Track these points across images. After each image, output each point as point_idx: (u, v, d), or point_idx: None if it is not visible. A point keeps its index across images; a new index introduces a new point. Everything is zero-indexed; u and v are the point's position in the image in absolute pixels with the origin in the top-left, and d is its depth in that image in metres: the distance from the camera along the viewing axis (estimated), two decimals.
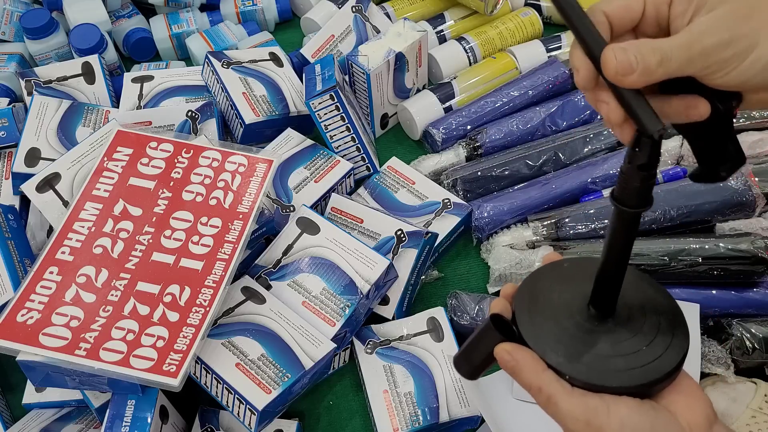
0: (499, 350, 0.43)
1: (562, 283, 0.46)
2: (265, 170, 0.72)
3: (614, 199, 0.39)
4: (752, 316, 0.69)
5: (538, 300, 0.45)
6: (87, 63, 0.88)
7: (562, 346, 0.42)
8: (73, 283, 0.63)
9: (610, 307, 0.44)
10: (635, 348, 0.42)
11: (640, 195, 0.38)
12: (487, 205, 0.78)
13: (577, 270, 0.47)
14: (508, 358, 0.42)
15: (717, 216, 0.74)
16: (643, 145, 0.36)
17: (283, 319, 0.66)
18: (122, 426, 0.59)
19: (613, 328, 0.43)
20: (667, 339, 0.42)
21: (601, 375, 0.40)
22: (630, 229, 0.40)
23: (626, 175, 0.37)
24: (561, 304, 0.45)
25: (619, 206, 0.38)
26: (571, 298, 0.45)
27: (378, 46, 0.85)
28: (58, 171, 0.73)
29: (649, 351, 0.42)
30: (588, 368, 0.41)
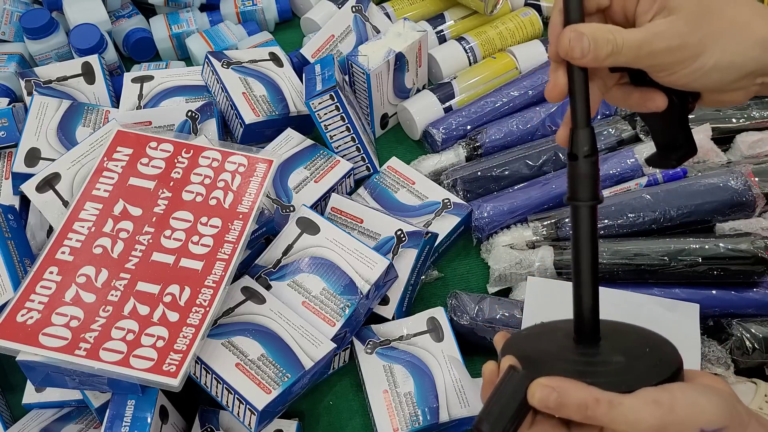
0: (535, 387, 0.39)
1: (537, 340, 0.46)
2: (265, 170, 0.72)
3: (569, 200, 0.42)
4: (752, 316, 0.69)
5: (533, 357, 0.42)
6: (87, 63, 0.88)
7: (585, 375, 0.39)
8: (73, 283, 0.63)
9: (596, 326, 0.43)
10: (642, 350, 0.41)
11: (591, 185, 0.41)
12: (487, 205, 0.78)
13: (536, 330, 0.48)
14: (548, 391, 0.38)
15: (717, 216, 0.74)
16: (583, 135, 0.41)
17: (283, 319, 0.66)
18: (122, 426, 0.59)
19: (610, 346, 0.43)
20: (656, 337, 0.43)
21: (636, 379, 0.39)
22: (591, 226, 0.41)
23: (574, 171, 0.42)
24: (554, 351, 0.44)
25: (576, 203, 0.41)
26: (557, 344, 0.44)
27: (378, 46, 0.85)
28: (58, 171, 0.73)
29: (654, 350, 0.42)
30: (622, 379, 0.39)
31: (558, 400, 0.38)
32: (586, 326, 0.43)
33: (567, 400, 0.38)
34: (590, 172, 0.41)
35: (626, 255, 0.70)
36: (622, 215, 0.74)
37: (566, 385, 0.38)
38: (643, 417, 0.37)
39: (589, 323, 0.43)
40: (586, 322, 0.43)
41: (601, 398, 0.37)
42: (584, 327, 0.43)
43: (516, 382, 0.39)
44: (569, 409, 0.38)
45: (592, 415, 0.38)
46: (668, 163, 0.46)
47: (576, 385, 0.38)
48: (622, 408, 0.37)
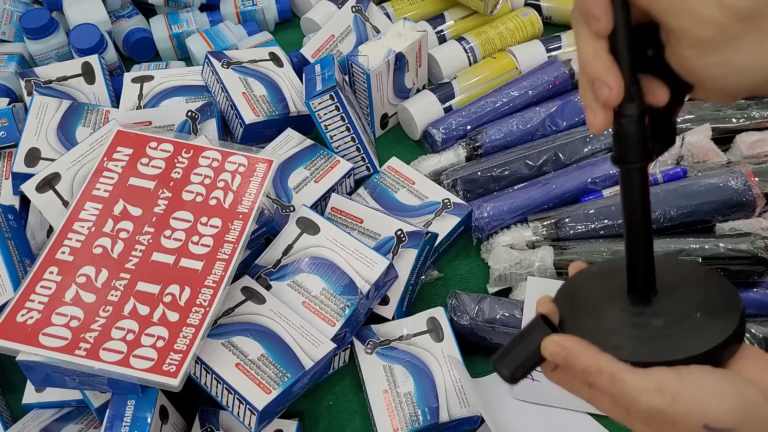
0: (547, 342, 0.40)
1: (597, 282, 0.45)
2: (265, 170, 0.72)
3: (618, 161, 0.39)
4: (752, 316, 0.69)
5: (579, 303, 0.43)
6: (87, 63, 0.88)
7: (614, 335, 0.39)
8: (73, 283, 0.63)
9: (650, 284, 0.42)
10: (690, 317, 0.39)
11: (641, 146, 0.39)
12: (487, 205, 0.78)
13: (607, 268, 0.47)
14: (558, 349, 0.39)
15: (717, 216, 0.74)
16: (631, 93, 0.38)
17: (283, 319, 0.66)
18: (122, 426, 0.59)
19: (661, 304, 0.41)
20: (721, 303, 0.40)
21: (662, 351, 0.37)
22: (642, 187, 0.40)
23: (622, 132, 0.39)
24: (602, 300, 0.43)
25: (626, 165, 0.39)
26: (609, 292, 0.43)
27: (378, 46, 0.85)
28: (58, 171, 0.73)
29: (706, 317, 0.39)
30: (647, 347, 0.38)
31: (565, 361, 0.39)
32: (638, 284, 0.42)
33: (572, 362, 0.39)
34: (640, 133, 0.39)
35: None
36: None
37: (576, 347, 0.39)
38: (641, 400, 0.36)
39: (641, 282, 0.42)
40: (638, 281, 0.42)
41: (604, 370, 0.37)
42: (636, 284, 0.42)
43: (536, 332, 0.41)
44: (574, 371, 0.39)
45: (594, 383, 0.38)
46: None
47: (585, 349, 0.38)
48: (622, 385, 0.37)
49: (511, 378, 0.42)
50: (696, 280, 0.43)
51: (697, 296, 0.41)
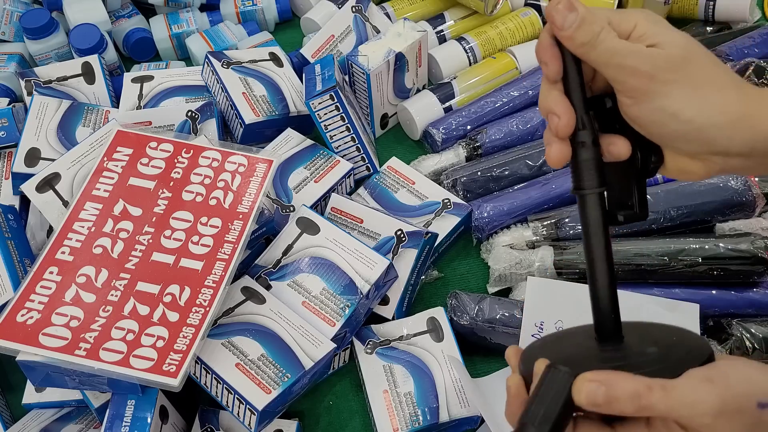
0: (579, 383, 0.36)
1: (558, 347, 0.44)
2: (265, 170, 0.72)
3: (575, 189, 0.41)
4: (752, 316, 0.69)
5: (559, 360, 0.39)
6: (87, 63, 0.88)
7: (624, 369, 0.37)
8: (73, 283, 0.63)
9: (618, 324, 0.41)
10: (670, 340, 0.40)
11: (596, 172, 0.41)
12: (487, 205, 0.78)
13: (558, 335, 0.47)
14: (595, 385, 0.36)
15: (717, 216, 0.74)
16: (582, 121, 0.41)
17: (283, 319, 0.66)
18: (122, 426, 0.59)
19: (637, 340, 0.41)
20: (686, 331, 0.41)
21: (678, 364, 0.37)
22: (600, 214, 0.41)
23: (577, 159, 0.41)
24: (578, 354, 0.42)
25: (582, 191, 0.41)
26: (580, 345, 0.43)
27: (378, 46, 0.85)
28: (58, 171, 0.73)
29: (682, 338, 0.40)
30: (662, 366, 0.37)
31: (607, 394, 0.35)
32: (608, 323, 0.41)
33: (617, 393, 0.35)
34: (594, 160, 0.41)
35: (626, 255, 0.70)
36: None
37: (614, 377, 0.36)
38: (702, 396, 0.35)
39: (610, 320, 0.41)
40: (608, 320, 0.41)
41: (653, 385, 0.35)
42: (606, 324, 0.41)
43: (559, 380, 0.36)
44: (620, 401, 0.35)
45: (647, 404, 0.35)
46: (613, 220, 0.44)
47: (623, 375, 0.36)
48: (677, 391, 0.35)
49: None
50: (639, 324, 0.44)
51: (657, 329, 0.43)
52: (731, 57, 0.86)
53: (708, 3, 0.94)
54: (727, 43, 0.89)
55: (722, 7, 0.93)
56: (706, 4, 0.94)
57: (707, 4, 0.94)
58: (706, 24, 0.96)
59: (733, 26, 0.95)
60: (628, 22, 0.41)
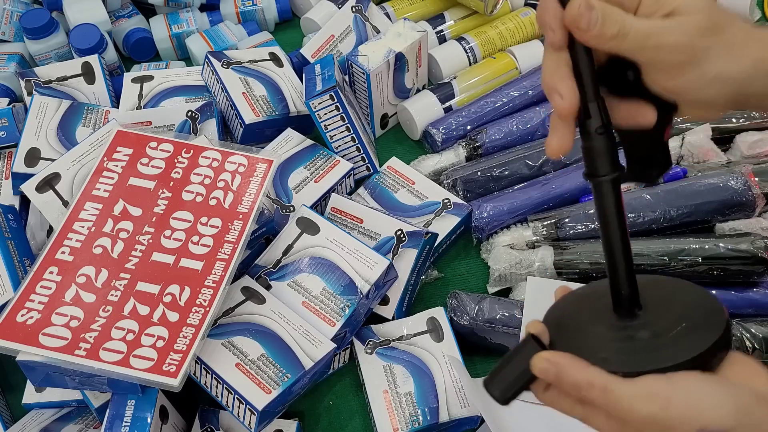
0: (537, 359, 0.40)
1: (582, 304, 0.46)
2: (265, 170, 0.72)
3: (589, 176, 0.41)
4: (752, 316, 0.69)
5: (566, 323, 0.44)
6: (87, 63, 0.88)
7: (602, 350, 0.40)
8: (73, 283, 0.63)
9: (633, 298, 0.42)
10: (676, 327, 0.40)
11: (609, 159, 0.40)
12: (487, 205, 0.78)
13: (592, 290, 0.47)
14: (548, 365, 0.39)
15: (717, 216, 0.74)
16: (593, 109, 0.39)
17: (283, 319, 0.66)
18: (122, 426, 0.59)
19: (646, 318, 0.42)
20: (705, 312, 0.41)
21: (651, 360, 0.38)
22: (615, 200, 0.41)
23: (589, 146, 0.40)
24: (589, 319, 0.44)
25: (596, 179, 0.40)
26: (595, 311, 0.44)
27: (378, 46, 0.85)
28: (58, 171, 0.73)
29: (692, 326, 0.40)
30: (635, 358, 0.38)
31: (556, 376, 0.39)
32: (622, 300, 0.42)
33: (563, 377, 0.39)
34: (606, 146, 0.40)
35: None
36: None
37: (566, 362, 0.39)
38: (635, 409, 0.36)
39: (624, 297, 0.42)
40: (622, 297, 0.42)
41: (595, 382, 0.38)
42: (620, 300, 0.43)
43: (527, 350, 0.41)
44: (565, 386, 0.39)
45: (586, 397, 0.38)
46: (648, 178, 0.44)
47: (575, 364, 0.39)
48: (614, 395, 0.37)
49: (502, 399, 0.42)
50: (679, 293, 0.44)
51: (681, 308, 0.42)
52: None
53: None
54: None
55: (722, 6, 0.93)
56: None
57: None
58: None
59: None
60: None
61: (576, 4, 0.38)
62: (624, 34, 0.38)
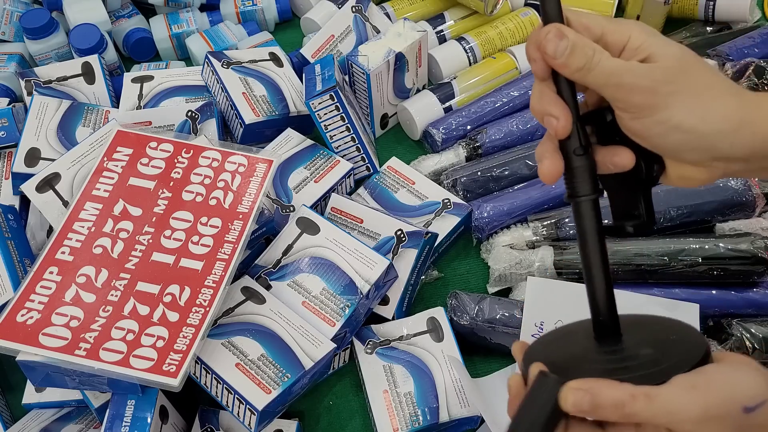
0: (566, 391, 0.37)
1: (559, 346, 0.45)
2: (265, 170, 0.72)
3: (569, 197, 0.42)
4: (752, 316, 0.69)
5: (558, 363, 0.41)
6: (87, 63, 0.88)
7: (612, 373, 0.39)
8: (73, 283, 0.63)
9: (616, 324, 0.42)
10: (667, 339, 0.40)
11: (588, 180, 0.41)
12: (487, 205, 0.78)
13: (560, 332, 0.47)
14: (582, 393, 0.37)
15: (717, 216, 0.74)
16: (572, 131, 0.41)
17: (283, 319, 0.66)
18: (122, 426, 0.59)
19: (632, 341, 0.42)
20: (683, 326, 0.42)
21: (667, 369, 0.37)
22: (594, 220, 0.41)
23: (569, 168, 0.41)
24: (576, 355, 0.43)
25: (576, 199, 0.41)
26: (579, 347, 0.43)
27: (378, 46, 0.85)
28: (58, 171, 0.73)
29: (680, 336, 0.40)
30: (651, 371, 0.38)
31: (592, 402, 0.37)
32: (606, 324, 0.42)
33: (601, 401, 0.36)
34: (586, 167, 0.41)
35: (626, 255, 0.70)
36: None
37: (599, 385, 0.37)
38: (685, 405, 0.36)
39: (607, 321, 0.42)
40: (605, 320, 0.42)
41: (636, 393, 0.36)
42: (603, 325, 0.42)
43: (547, 387, 0.38)
44: (605, 409, 0.36)
45: (631, 412, 0.36)
46: (622, 232, 0.44)
47: (608, 383, 0.37)
48: (660, 399, 0.36)
49: None
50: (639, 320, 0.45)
51: (656, 326, 0.43)
52: (731, 57, 0.86)
53: (708, 3, 0.94)
54: (727, 43, 0.89)
55: (722, 7, 0.93)
56: (706, 4, 0.94)
57: (707, 4, 0.94)
58: (706, 24, 0.96)
59: (733, 26, 0.95)
60: (622, 34, 0.41)
61: (545, 31, 0.40)
62: (589, 68, 0.40)
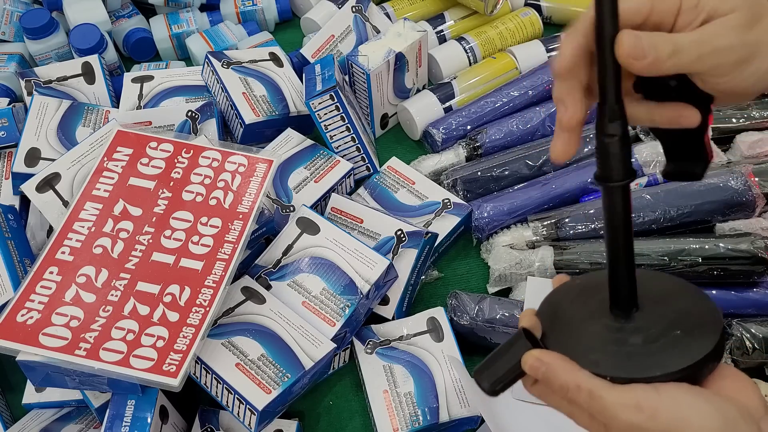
0: (527, 357, 0.40)
1: (579, 297, 0.45)
2: (265, 170, 0.72)
3: (599, 179, 0.40)
4: (752, 316, 0.69)
5: (561, 318, 0.43)
6: (87, 63, 0.88)
7: (594, 351, 0.40)
8: (73, 283, 0.63)
9: (631, 300, 0.42)
10: (669, 334, 0.40)
11: (623, 165, 0.39)
12: (487, 205, 0.78)
13: (590, 282, 0.47)
14: (538, 364, 0.40)
15: (717, 216, 0.74)
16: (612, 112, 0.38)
17: (283, 319, 0.66)
18: (122, 426, 0.59)
19: (642, 321, 0.41)
20: (701, 320, 0.40)
21: (641, 368, 0.38)
22: (624, 206, 0.40)
23: (605, 150, 0.39)
24: (584, 315, 0.43)
25: (609, 184, 0.39)
26: (592, 307, 0.44)
27: (378, 46, 0.85)
28: (58, 171, 0.73)
29: (686, 334, 0.39)
30: (626, 364, 0.38)
31: (545, 375, 0.39)
32: (619, 301, 0.42)
33: (552, 379, 0.39)
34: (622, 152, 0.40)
35: None
36: None
37: (556, 363, 0.39)
38: (620, 418, 0.36)
39: (621, 299, 0.42)
40: (619, 298, 0.42)
41: (582, 386, 0.38)
42: (617, 301, 0.42)
43: (518, 346, 0.42)
44: (553, 387, 0.39)
45: (572, 399, 0.39)
46: (692, 176, 0.43)
47: (565, 365, 0.39)
48: (600, 402, 0.37)
49: (491, 391, 0.42)
50: (678, 295, 0.43)
51: (677, 313, 0.41)
52: None
53: None
54: None
55: None
56: None
57: None
58: None
59: None
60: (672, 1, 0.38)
61: (626, 41, 0.37)
62: (678, 50, 0.37)
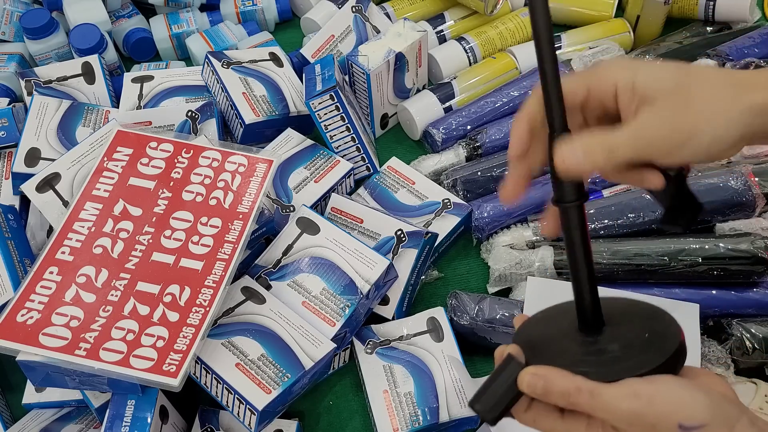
0: (523, 374, 0.42)
1: (548, 325, 0.48)
2: (265, 170, 0.72)
3: (555, 201, 0.43)
4: (752, 316, 0.69)
5: (538, 344, 0.46)
6: (87, 63, 0.88)
7: (580, 363, 0.42)
8: (73, 283, 0.63)
9: (597, 316, 0.45)
10: (642, 338, 0.43)
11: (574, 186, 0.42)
12: (487, 205, 0.78)
13: (550, 312, 0.49)
14: (536, 379, 0.41)
15: (717, 216, 0.74)
16: None
17: (283, 319, 0.66)
18: (122, 426, 0.59)
19: (612, 333, 0.44)
20: (663, 324, 0.44)
21: (626, 368, 0.40)
22: (580, 224, 0.43)
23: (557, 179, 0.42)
24: (559, 337, 0.46)
25: (563, 204, 0.43)
26: (564, 330, 0.46)
27: (378, 46, 0.85)
28: (58, 171, 0.73)
29: (655, 336, 0.42)
30: (612, 368, 0.41)
31: (544, 387, 0.41)
32: (588, 318, 0.45)
33: (552, 388, 0.41)
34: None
35: (626, 255, 0.70)
36: (622, 215, 0.74)
37: (552, 374, 0.41)
38: (622, 407, 0.39)
39: (590, 316, 0.45)
40: (588, 315, 0.45)
41: (582, 387, 0.40)
42: (586, 319, 0.45)
43: (510, 368, 0.43)
44: (554, 396, 0.41)
45: (575, 402, 0.40)
46: (677, 226, 0.46)
47: (561, 374, 0.41)
48: (601, 398, 0.39)
49: (491, 418, 0.42)
50: (633, 308, 0.47)
51: (641, 321, 0.45)
52: (731, 57, 0.86)
53: (708, 3, 0.94)
54: (727, 43, 0.89)
55: (722, 7, 0.93)
56: (706, 4, 0.94)
57: (707, 4, 0.94)
58: (706, 24, 0.96)
59: (733, 26, 0.95)
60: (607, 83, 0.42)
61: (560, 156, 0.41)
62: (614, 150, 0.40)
